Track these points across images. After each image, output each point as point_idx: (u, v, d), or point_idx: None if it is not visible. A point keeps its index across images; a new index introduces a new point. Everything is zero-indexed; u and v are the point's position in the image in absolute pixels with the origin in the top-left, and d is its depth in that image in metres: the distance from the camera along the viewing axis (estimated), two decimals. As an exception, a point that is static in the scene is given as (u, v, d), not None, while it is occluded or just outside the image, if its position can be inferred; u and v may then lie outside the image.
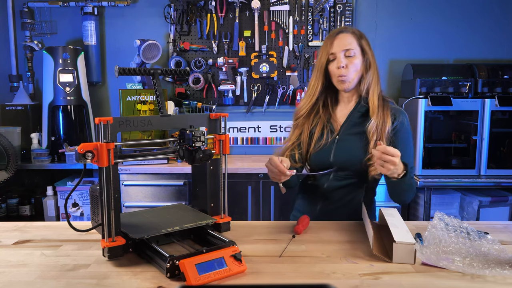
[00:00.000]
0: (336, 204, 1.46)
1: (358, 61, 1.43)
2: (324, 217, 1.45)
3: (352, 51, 1.42)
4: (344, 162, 1.42)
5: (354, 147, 1.42)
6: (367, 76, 1.45)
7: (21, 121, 2.87)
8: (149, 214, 1.23)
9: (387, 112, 1.41)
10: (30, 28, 3.07)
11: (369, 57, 1.46)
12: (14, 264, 1.03)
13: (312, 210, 1.49)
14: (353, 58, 1.42)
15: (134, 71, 1.11)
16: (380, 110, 1.40)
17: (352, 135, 1.44)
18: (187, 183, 2.64)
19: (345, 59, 1.42)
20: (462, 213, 2.75)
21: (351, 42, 1.43)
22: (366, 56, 1.45)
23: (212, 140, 1.17)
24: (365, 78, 1.45)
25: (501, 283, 0.94)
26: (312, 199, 1.50)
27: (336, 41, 1.43)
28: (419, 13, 3.11)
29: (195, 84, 3.09)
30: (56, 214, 2.80)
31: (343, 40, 1.43)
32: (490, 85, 2.71)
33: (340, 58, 1.42)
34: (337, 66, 1.42)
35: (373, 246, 1.09)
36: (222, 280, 0.94)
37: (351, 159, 1.41)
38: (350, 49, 1.42)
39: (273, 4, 3.04)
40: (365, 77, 1.45)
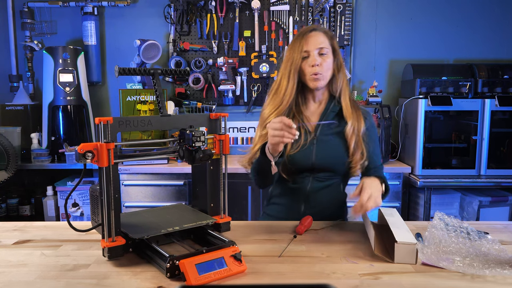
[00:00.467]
0: (320, 206, 1.45)
1: (330, 60, 1.43)
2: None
3: (325, 50, 1.41)
4: (326, 163, 1.42)
5: (334, 147, 1.43)
6: (338, 77, 1.46)
7: (21, 121, 2.87)
8: (149, 214, 1.23)
9: (359, 113, 1.45)
10: (30, 28, 3.07)
11: (339, 58, 1.47)
12: (14, 264, 1.03)
13: (295, 213, 1.45)
14: (326, 57, 1.41)
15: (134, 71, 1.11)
16: (354, 112, 1.44)
17: (330, 135, 1.45)
18: (187, 183, 2.64)
19: (319, 57, 1.41)
20: (462, 213, 2.75)
21: (324, 41, 1.42)
22: (337, 57, 1.46)
23: (212, 140, 1.17)
24: (337, 78, 1.46)
25: (501, 283, 0.94)
26: (295, 202, 1.47)
27: (310, 39, 1.41)
28: (419, 13, 3.11)
29: (195, 84, 3.09)
30: (56, 214, 2.80)
31: (316, 39, 1.41)
32: (490, 85, 2.71)
33: (314, 56, 1.40)
34: (312, 64, 1.40)
35: (375, 247, 1.09)
36: (222, 280, 0.94)
37: (333, 159, 1.42)
38: (324, 47, 1.41)
39: (273, 4, 3.04)
40: (337, 77, 1.46)
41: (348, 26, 3.06)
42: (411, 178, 2.71)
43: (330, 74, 1.44)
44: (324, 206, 1.45)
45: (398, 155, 2.93)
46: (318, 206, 1.45)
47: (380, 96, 2.87)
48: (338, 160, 1.42)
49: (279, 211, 1.51)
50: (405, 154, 2.87)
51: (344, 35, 3.06)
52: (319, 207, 1.45)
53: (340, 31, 3.06)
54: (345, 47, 3.10)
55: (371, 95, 2.85)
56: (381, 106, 2.75)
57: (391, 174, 2.67)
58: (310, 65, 1.40)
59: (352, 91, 3.14)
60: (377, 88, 2.93)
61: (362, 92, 3.15)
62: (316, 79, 1.41)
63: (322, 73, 1.40)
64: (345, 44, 3.07)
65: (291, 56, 1.42)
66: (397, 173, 2.67)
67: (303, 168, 1.43)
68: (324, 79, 1.42)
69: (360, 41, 3.14)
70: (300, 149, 1.42)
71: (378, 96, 2.84)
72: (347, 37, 3.07)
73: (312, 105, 1.51)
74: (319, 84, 1.41)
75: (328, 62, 1.42)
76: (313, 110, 1.50)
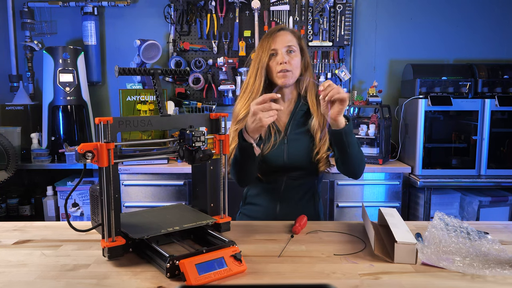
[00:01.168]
0: (295, 205, 1.46)
1: (298, 59, 1.45)
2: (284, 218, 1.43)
3: (293, 47, 1.44)
4: (298, 161, 1.44)
5: (305, 146, 1.45)
6: (305, 76, 1.48)
7: (21, 121, 2.87)
8: (149, 214, 1.23)
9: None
10: (30, 28, 3.07)
11: (307, 57, 1.50)
12: (14, 264, 1.03)
13: (271, 213, 1.47)
14: (294, 55, 1.44)
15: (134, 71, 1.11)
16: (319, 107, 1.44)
17: (299, 134, 1.46)
18: (187, 183, 2.63)
19: (287, 55, 1.43)
20: (462, 213, 2.75)
21: (291, 40, 1.45)
22: (304, 56, 1.48)
23: (212, 140, 1.17)
24: (304, 77, 1.49)
25: (501, 283, 0.94)
26: (271, 202, 1.48)
27: (278, 38, 1.44)
28: (419, 13, 3.11)
29: (195, 84, 3.09)
30: (56, 214, 2.80)
31: (284, 37, 1.44)
32: (490, 85, 2.71)
33: (282, 53, 1.42)
34: (279, 61, 1.42)
35: (375, 247, 1.09)
36: (222, 280, 0.94)
37: (304, 157, 1.43)
38: (292, 45, 1.44)
39: (273, 4, 3.04)
40: (305, 76, 1.49)
41: (348, 26, 3.06)
42: (411, 178, 2.71)
43: (298, 73, 1.46)
44: (299, 205, 1.47)
45: (398, 155, 2.93)
46: (294, 205, 1.46)
47: (380, 96, 2.87)
48: (309, 158, 1.43)
49: (256, 211, 1.51)
50: (405, 154, 2.87)
51: (344, 35, 3.06)
52: (294, 206, 1.46)
53: (340, 31, 3.06)
54: (345, 47, 3.10)
55: (371, 95, 2.85)
56: (381, 106, 2.75)
57: (391, 174, 2.67)
58: (278, 62, 1.42)
59: (352, 91, 3.14)
60: (377, 88, 2.93)
61: (362, 92, 3.15)
62: (284, 75, 1.42)
63: (291, 69, 1.42)
64: (345, 44, 3.07)
65: (259, 56, 1.45)
66: (397, 173, 2.67)
67: (276, 168, 1.44)
68: (293, 77, 1.44)
69: (360, 41, 3.14)
70: (272, 149, 1.44)
71: (378, 96, 2.84)
72: (347, 37, 3.07)
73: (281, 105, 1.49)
74: (287, 80, 1.43)
75: (296, 60, 1.44)
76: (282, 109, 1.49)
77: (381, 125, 2.68)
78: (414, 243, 1.02)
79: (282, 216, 1.45)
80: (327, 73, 3.11)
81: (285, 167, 1.44)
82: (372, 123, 2.73)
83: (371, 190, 2.66)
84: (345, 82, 3.12)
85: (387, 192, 2.66)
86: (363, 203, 2.55)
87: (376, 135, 2.70)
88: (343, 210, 2.68)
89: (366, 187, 2.66)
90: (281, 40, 1.43)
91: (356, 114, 3.00)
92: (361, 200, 2.66)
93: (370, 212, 1.30)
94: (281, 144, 1.45)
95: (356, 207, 2.68)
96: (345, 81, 3.11)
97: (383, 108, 2.78)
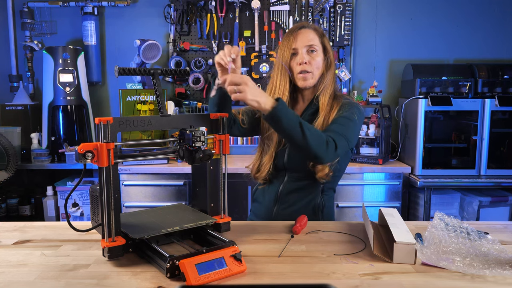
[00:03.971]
0: (292, 207, 1.43)
1: (320, 58, 1.38)
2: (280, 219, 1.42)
3: (315, 47, 1.37)
4: (297, 163, 1.40)
5: None
6: (327, 75, 1.40)
7: (21, 121, 2.87)
8: (149, 214, 1.23)
9: (336, 107, 1.37)
10: (30, 28, 3.07)
11: (330, 56, 1.41)
12: (14, 264, 1.03)
13: (268, 213, 1.46)
14: (315, 55, 1.37)
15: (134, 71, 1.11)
16: (328, 107, 1.37)
17: None
18: (187, 183, 2.63)
19: (308, 55, 1.36)
20: (462, 213, 2.75)
21: (313, 38, 1.37)
22: (327, 55, 1.40)
23: (212, 140, 1.17)
24: (324, 77, 1.40)
25: (501, 283, 0.94)
26: (268, 203, 1.47)
27: (299, 36, 1.37)
28: (419, 13, 3.11)
29: (195, 84, 3.09)
30: (56, 214, 2.80)
31: (305, 36, 1.37)
32: (490, 85, 2.71)
33: (302, 53, 1.36)
34: (299, 62, 1.36)
35: (374, 246, 1.09)
36: (222, 280, 0.94)
37: (303, 159, 1.37)
38: (313, 44, 1.37)
39: (273, 4, 3.04)
40: (325, 76, 1.40)
41: (348, 26, 3.05)
42: (411, 178, 2.71)
43: (319, 73, 1.39)
44: (296, 207, 1.43)
45: (398, 155, 2.93)
46: (291, 207, 1.43)
47: (380, 96, 2.88)
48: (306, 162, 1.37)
49: (259, 209, 1.51)
50: (405, 154, 2.87)
51: (344, 35, 3.06)
52: (291, 208, 1.43)
53: (340, 31, 3.06)
54: (345, 47, 3.10)
55: (371, 95, 2.85)
56: (381, 106, 2.75)
57: (391, 174, 2.67)
58: (298, 63, 1.36)
59: (352, 91, 3.14)
60: (377, 88, 2.93)
61: (362, 92, 3.15)
62: (304, 78, 1.37)
63: (311, 71, 1.36)
64: (345, 44, 3.07)
65: (282, 54, 1.39)
66: (397, 173, 2.67)
67: (278, 167, 1.43)
68: (313, 78, 1.38)
69: (360, 41, 3.14)
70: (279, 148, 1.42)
71: (378, 96, 2.84)
72: (347, 37, 3.07)
73: (299, 106, 1.47)
74: (308, 83, 1.38)
75: (317, 61, 1.37)
76: (299, 111, 1.46)
77: (381, 125, 2.68)
78: (413, 243, 1.02)
79: (278, 217, 1.45)
80: (327, 73, 3.11)
81: (285, 168, 1.43)
82: (372, 123, 2.73)
83: (371, 190, 2.66)
84: (345, 82, 3.12)
85: (387, 192, 2.67)
86: (364, 203, 2.56)
87: (376, 135, 2.70)
88: (343, 210, 2.68)
89: (366, 187, 2.66)
90: (302, 38, 1.37)
91: (356, 114, 2.99)
92: (361, 200, 2.66)
93: (370, 212, 1.30)
94: (285, 145, 1.43)
95: (356, 207, 2.68)
96: (345, 81, 3.11)
97: (383, 108, 2.78)
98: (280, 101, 1.16)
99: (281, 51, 1.40)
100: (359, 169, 2.62)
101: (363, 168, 2.63)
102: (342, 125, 1.31)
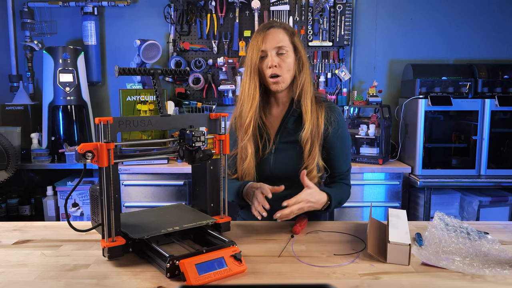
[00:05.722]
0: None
1: (290, 60, 1.32)
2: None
3: (285, 49, 1.31)
4: (283, 172, 1.36)
5: (291, 157, 1.35)
6: (300, 77, 1.34)
7: (21, 121, 2.87)
8: (149, 214, 1.23)
9: (320, 115, 1.34)
10: (30, 28, 3.07)
11: (302, 56, 1.34)
12: (14, 264, 1.03)
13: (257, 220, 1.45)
14: (285, 57, 1.31)
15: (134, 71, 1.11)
16: (314, 114, 1.33)
17: (287, 144, 1.36)
18: (187, 183, 2.63)
19: (277, 57, 1.31)
20: (462, 213, 2.75)
21: (283, 39, 1.31)
22: (299, 55, 1.34)
23: (212, 140, 1.17)
24: (298, 79, 1.34)
25: (501, 283, 0.94)
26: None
27: (268, 37, 1.31)
28: (419, 13, 3.11)
29: (195, 84, 3.09)
30: (56, 214, 2.80)
31: (274, 36, 1.31)
32: (490, 85, 2.71)
33: (272, 56, 1.30)
34: (269, 65, 1.30)
35: (369, 246, 1.09)
36: (222, 280, 0.94)
37: (289, 169, 1.35)
38: (283, 46, 1.30)
39: (273, 4, 3.04)
40: (298, 78, 1.34)
41: (348, 26, 3.05)
42: (411, 178, 2.71)
43: (291, 75, 1.34)
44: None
45: (398, 155, 2.93)
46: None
47: (380, 96, 2.87)
48: (292, 169, 1.34)
49: (247, 214, 1.46)
50: (405, 154, 2.87)
51: (344, 35, 3.06)
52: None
53: (340, 31, 3.06)
54: (345, 47, 3.10)
55: (371, 95, 2.85)
56: (381, 106, 2.75)
57: (391, 174, 2.67)
58: (267, 66, 1.31)
59: (352, 91, 3.14)
60: (377, 88, 2.93)
61: (362, 92, 3.15)
62: (275, 82, 1.32)
63: (281, 74, 1.31)
64: (345, 44, 3.07)
65: (251, 56, 1.33)
66: (397, 173, 2.67)
67: (263, 177, 1.38)
68: (285, 82, 1.33)
69: (360, 41, 3.14)
70: (261, 159, 1.37)
71: (378, 96, 2.84)
72: (347, 37, 3.07)
73: (274, 109, 1.42)
74: (279, 87, 1.33)
75: (288, 63, 1.32)
76: (275, 114, 1.42)
77: (381, 125, 2.68)
78: (407, 244, 1.02)
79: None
80: (327, 73, 3.11)
81: (272, 177, 1.37)
82: (372, 123, 2.73)
83: (371, 190, 2.66)
84: (345, 82, 3.12)
85: (387, 192, 2.66)
86: (372, 203, 2.56)
87: (376, 135, 2.70)
88: (343, 210, 2.68)
89: (366, 187, 2.66)
90: (271, 39, 1.30)
91: (356, 114, 3.00)
92: (361, 200, 2.66)
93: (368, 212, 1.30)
94: (269, 154, 1.38)
95: (356, 207, 2.67)
96: (345, 81, 3.11)
97: (383, 108, 2.78)
98: (331, 201, 1.29)
99: (250, 53, 1.33)
100: (359, 169, 2.62)
101: (363, 168, 2.63)
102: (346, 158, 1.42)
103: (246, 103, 1.36)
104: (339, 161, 1.38)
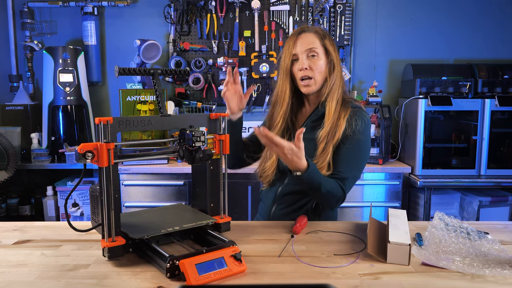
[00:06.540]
0: (289, 209, 1.43)
1: (322, 62, 1.35)
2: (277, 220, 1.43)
3: (315, 51, 1.34)
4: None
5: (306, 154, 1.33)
6: (330, 79, 1.37)
7: (21, 121, 2.87)
8: (149, 214, 1.23)
9: (343, 116, 1.35)
10: (30, 28, 3.07)
11: (333, 58, 1.37)
12: (14, 264, 1.03)
13: (267, 213, 1.47)
14: (316, 59, 1.34)
15: (134, 71, 1.11)
16: (335, 115, 1.34)
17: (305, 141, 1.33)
18: (187, 183, 2.63)
19: (308, 60, 1.34)
20: (462, 213, 2.75)
21: (313, 41, 1.35)
22: (330, 57, 1.37)
23: (212, 140, 1.17)
24: (328, 80, 1.37)
25: (501, 283, 0.94)
26: (269, 203, 1.48)
27: (299, 41, 1.35)
28: (419, 13, 3.11)
29: (195, 84, 3.09)
30: (56, 214, 2.80)
31: (305, 40, 1.35)
32: (490, 85, 2.71)
33: (302, 59, 1.34)
34: (300, 68, 1.34)
35: (369, 246, 1.09)
36: (222, 280, 0.94)
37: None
38: (313, 48, 1.34)
39: (273, 4, 3.04)
40: (328, 80, 1.37)
41: (348, 26, 3.05)
42: (411, 178, 2.71)
43: (322, 78, 1.37)
44: (293, 209, 1.42)
45: (398, 155, 2.93)
46: (287, 208, 1.43)
47: (380, 96, 2.87)
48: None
49: (262, 208, 1.53)
50: (405, 154, 2.87)
51: (344, 35, 3.06)
52: (288, 209, 1.43)
53: (340, 31, 3.06)
54: (345, 47, 3.10)
55: (371, 95, 2.85)
56: (381, 106, 2.75)
57: (391, 174, 2.67)
58: (299, 68, 1.35)
59: (352, 91, 3.13)
60: (377, 88, 2.93)
61: (362, 92, 3.15)
62: (306, 85, 1.36)
63: (313, 77, 1.34)
64: (345, 44, 3.07)
65: (283, 60, 1.38)
66: (397, 173, 2.67)
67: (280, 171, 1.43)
68: (316, 84, 1.36)
69: (360, 41, 3.14)
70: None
71: (378, 96, 2.84)
72: (347, 37, 3.07)
73: (304, 109, 1.47)
74: (310, 89, 1.36)
75: (319, 65, 1.35)
76: (304, 114, 1.46)
77: (381, 125, 2.68)
78: (407, 244, 1.02)
79: (275, 216, 1.45)
80: (327, 73, 3.11)
81: (285, 170, 1.41)
82: (372, 123, 2.73)
83: (371, 190, 2.66)
84: (345, 82, 3.12)
85: (387, 192, 2.67)
86: (372, 203, 2.56)
87: (376, 135, 2.70)
88: (343, 210, 2.68)
89: (366, 187, 2.66)
90: (301, 43, 1.35)
91: (356, 114, 3.00)
92: (361, 200, 2.66)
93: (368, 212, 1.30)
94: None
95: (356, 207, 2.68)
96: (345, 81, 3.11)
97: (383, 108, 2.78)
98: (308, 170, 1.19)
99: (283, 57, 1.39)
100: (359, 169, 2.62)
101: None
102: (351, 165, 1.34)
103: (278, 105, 1.43)
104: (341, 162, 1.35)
